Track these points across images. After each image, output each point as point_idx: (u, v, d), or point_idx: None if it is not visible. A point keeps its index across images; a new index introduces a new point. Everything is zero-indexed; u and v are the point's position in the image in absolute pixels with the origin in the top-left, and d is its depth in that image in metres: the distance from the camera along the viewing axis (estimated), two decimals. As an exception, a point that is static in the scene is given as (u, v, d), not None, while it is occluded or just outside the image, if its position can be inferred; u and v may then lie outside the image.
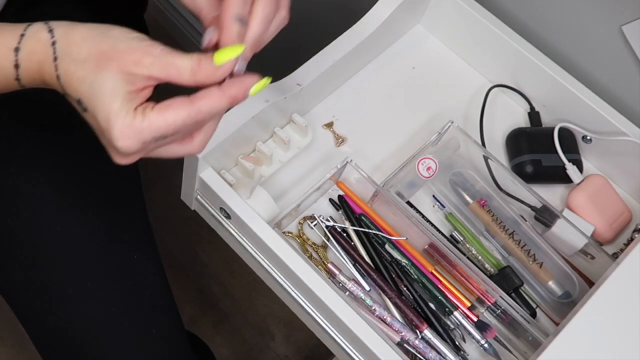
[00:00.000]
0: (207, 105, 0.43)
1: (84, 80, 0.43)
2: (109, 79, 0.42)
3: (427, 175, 0.66)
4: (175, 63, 0.44)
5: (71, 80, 0.43)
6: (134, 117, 0.42)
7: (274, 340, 1.33)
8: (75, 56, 0.43)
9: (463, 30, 0.75)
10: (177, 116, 0.42)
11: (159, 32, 1.59)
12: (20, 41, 0.44)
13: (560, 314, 0.64)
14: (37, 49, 0.44)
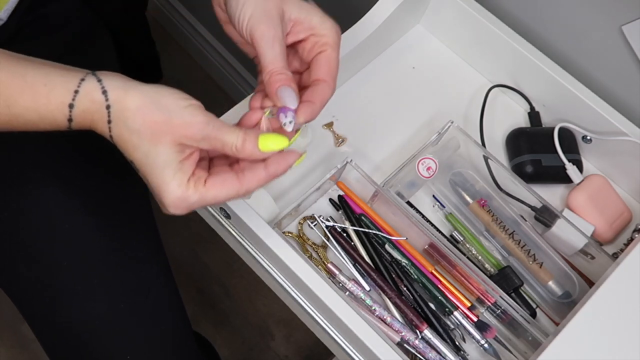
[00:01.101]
0: (253, 184, 0.48)
1: (138, 148, 0.46)
2: (163, 151, 0.46)
3: (427, 175, 0.66)
4: (222, 139, 0.47)
5: (125, 144, 0.47)
6: (186, 190, 0.46)
7: (274, 340, 1.33)
8: (130, 125, 0.46)
9: (463, 30, 0.75)
10: (226, 194, 0.47)
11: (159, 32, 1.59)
12: (75, 98, 0.46)
13: (560, 314, 0.64)
14: (91, 109, 0.46)
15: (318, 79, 0.53)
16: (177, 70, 1.52)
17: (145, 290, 0.68)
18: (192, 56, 1.57)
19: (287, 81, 0.50)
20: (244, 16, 0.50)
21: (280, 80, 0.50)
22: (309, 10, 0.53)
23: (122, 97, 0.46)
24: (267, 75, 0.50)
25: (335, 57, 0.53)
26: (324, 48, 0.53)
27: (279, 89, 0.50)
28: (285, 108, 0.51)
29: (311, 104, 0.51)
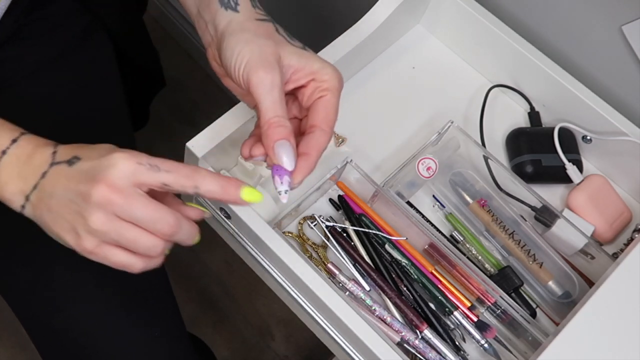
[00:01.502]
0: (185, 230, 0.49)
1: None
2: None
3: (427, 175, 0.66)
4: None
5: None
6: (139, 161, 0.45)
7: (274, 340, 1.33)
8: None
9: (463, 30, 0.75)
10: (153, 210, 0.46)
11: (159, 33, 1.59)
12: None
13: (560, 314, 0.64)
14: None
15: (314, 125, 0.51)
16: (177, 70, 1.52)
17: (139, 292, 0.68)
18: (192, 56, 1.57)
19: (286, 134, 0.48)
20: (240, 63, 0.49)
21: (279, 133, 0.48)
22: (308, 57, 0.52)
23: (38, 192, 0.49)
24: (265, 125, 0.48)
25: (335, 103, 0.51)
26: (324, 93, 0.51)
27: (276, 144, 0.48)
28: (281, 169, 0.49)
29: (307, 157, 0.50)
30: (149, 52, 0.94)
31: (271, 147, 0.48)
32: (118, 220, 0.45)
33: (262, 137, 0.49)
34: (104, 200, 0.44)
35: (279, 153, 0.48)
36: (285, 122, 0.49)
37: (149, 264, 0.48)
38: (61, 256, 0.66)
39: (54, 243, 0.66)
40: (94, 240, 0.46)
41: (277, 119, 0.48)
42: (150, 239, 0.46)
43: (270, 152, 0.49)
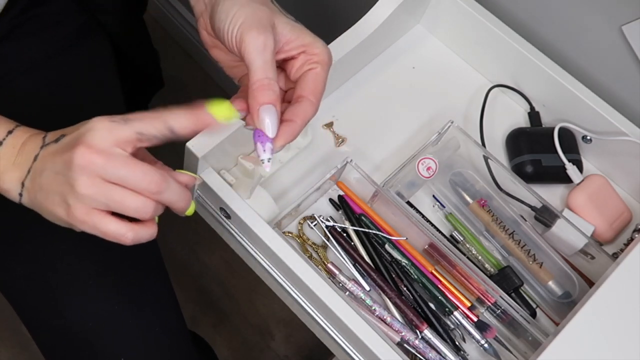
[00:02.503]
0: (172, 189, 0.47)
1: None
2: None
3: (427, 175, 0.66)
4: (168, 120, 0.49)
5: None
6: (117, 123, 0.46)
7: (274, 340, 1.33)
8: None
9: (463, 30, 0.75)
10: (142, 171, 0.46)
11: (159, 33, 1.59)
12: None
13: (560, 314, 0.64)
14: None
15: (302, 96, 0.51)
16: (177, 70, 1.52)
17: (140, 290, 0.68)
18: (192, 56, 1.57)
19: (274, 99, 0.48)
20: (235, 24, 0.48)
21: (266, 96, 0.47)
22: (301, 30, 0.52)
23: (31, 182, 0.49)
24: (254, 84, 0.47)
25: (324, 77, 0.52)
26: (314, 66, 0.52)
27: (262, 107, 0.48)
28: (263, 135, 0.48)
29: (291, 124, 0.49)
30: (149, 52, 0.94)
31: (256, 110, 0.48)
32: (103, 183, 0.45)
33: (249, 98, 0.48)
34: (86, 162, 0.45)
35: (263, 117, 0.48)
36: (275, 85, 0.48)
37: (140, 233, 0.48)
38: (61, 253, 0.66)
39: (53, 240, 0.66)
40: (83, 208, 0.46)
41: (267, 81, 0.47)
42: (139, 198, 0.46)
43: (255, 115, 0.48)
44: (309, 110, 0.51)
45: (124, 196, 0.45)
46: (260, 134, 0.48)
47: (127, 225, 0.47)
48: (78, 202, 0.46)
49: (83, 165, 0.45)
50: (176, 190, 0.47)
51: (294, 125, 0.49)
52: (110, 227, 0.46)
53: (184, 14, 1.50)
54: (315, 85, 0.51)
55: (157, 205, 0.47)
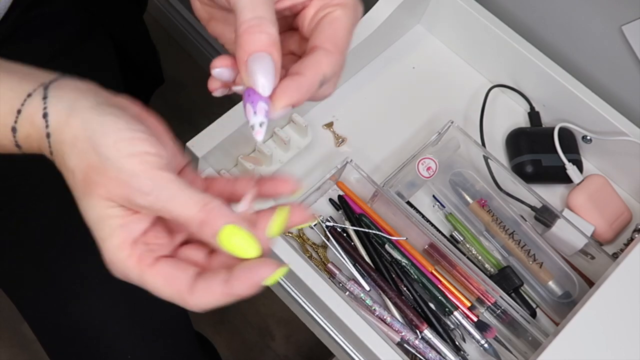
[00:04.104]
0: (203, 301, 0.35)
1: (74, 190, 0.37)
2: (95, 205, 0.35)
3: (427, 175, 0.66)
4: (172, 212, 0.34)
5: (66, 180, 0.37)
6: (125, 259, 0.35)
7: (274, 340, 1.33)
8: (67, 161, 0.36)
9: (463, 30, 0.75)
10: (169, 294, 0.35)
11: (159, 33, 1.59)
12: (17, 120, 0.37)
13: (560, 314, 0.64)
14: (33, 135, 0.37)
15: (316, 46, 0.38)
16: (177, 70, 1.52)
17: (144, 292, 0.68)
18: (192, 56, 1.57)
19: (266, 44, 0.35)
20: None
21: (257, 41, 0.35)
22: None
23: (63, 124, 0.36)
24: (241, 26, 0.35)
25: (345, 21, 0.39)
26: (332, 9, 0.39)
27: (251, 56, 0.35)
28: (255, 94, 0.36)
29: (297, 78, 0.36)
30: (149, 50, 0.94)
31: (244, 61, 0.35)
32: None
33: (236, 47, 0.36)
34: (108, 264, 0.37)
35: (253, 70, 0.35)
36: (269, 26, 0.35)
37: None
38: (65, 253, 0.66)
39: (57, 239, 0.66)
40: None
41: (257, 21, 0.35)
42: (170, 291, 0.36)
43: (242, 68, 0.36)
44: (325, 60, 0.37)
45: (155, 288, 0.36)
46: (251, 93, 0.36)
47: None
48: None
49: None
50: (208, 301, 0.35)
51: (300, 79, 0.36)
52: (163, 292, 0.36)
53: (184, 14, 1.50)
54: (334, 30, 0.38)
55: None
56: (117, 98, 0.38)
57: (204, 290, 0.35)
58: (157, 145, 0.36)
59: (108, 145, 0.35)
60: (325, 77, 0.38)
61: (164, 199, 0.34)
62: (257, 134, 0.36)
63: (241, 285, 0.34)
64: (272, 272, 0.34)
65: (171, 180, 0.35)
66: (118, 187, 0.34)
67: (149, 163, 0.35)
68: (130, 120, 0.36)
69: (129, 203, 0.35)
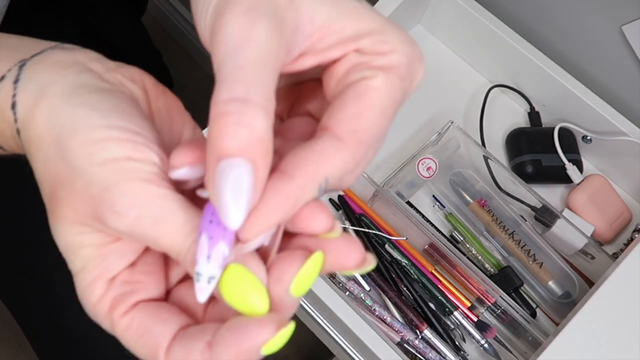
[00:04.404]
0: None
1: (45, 203, 0.28)
2: (63, 231, 0.27)
3: (427, 175, 0.66)
4: (157, 240, 0.25)
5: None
6: (95, 303, 0.27)
7: (274, 340, 1.33)
8: (35, 169, 0.28)
9: (463, 30, 0.75)
10: (144, 353, 0.27)
11: (159, 33, 1.59)
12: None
13: (560, 314, 0.64)
14: (7, 132, 0.29)
15: (326, 128, 0.26)
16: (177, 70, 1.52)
17: None
18: (192, 56, 1.57)
19: (246, 145, 0.23)
20: (209, 4, 0.25)
21: (231, 138, 0.23)
22: (357, 11, 0.27)
23: (29, 118, 0.27)
24: (213, 110, 0.24)
25: (384, 98, 0.26)
26: (369, 74, 0.26)
27: (221, 163, 0.23)
28: (216, 223, 0.24)
29: (281, 186, 0.24)
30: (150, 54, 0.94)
31: (213, 167, 0.23)
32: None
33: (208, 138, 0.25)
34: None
35: (221, 187, 0.23)
36: (253, 115, 0.23)
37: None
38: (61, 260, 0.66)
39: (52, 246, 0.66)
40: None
41: (235, 106, 0.23)
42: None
43: (208, 176, 0.24)
44: (331, 156, 0.25)
45: (128, 345, 0.27)
46: (213, 218, 0.24)
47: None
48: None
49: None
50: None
51: (285, 186, 0.24)
52: (137, 350, 0.27)
53: (184, 14, 1.50)
54: (360, 109, 0.25)
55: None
56: (116, 73, 0.29)
57: (182, 357, 0.25)
58: (146, 147, 0.26)
59: (75, 149, 0.26)
60: (331, 182, 0.25)
61: (147, 223, 0.25)
62: (201, 291, 0.24)
63: (226, 352, 0.24)
64: (269, 335, 0.24)
65: (161, 197, 0.25)
66: (87, 205, 0.26)
67: (129, 172, 0.25)
68: (110, 112, 0.26)
69: (102, 226, 0.26)
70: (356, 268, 0.26)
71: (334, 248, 0.26)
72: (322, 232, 0.26)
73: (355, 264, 0.26)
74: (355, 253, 0.26)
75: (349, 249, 0.26)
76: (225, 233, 0.24)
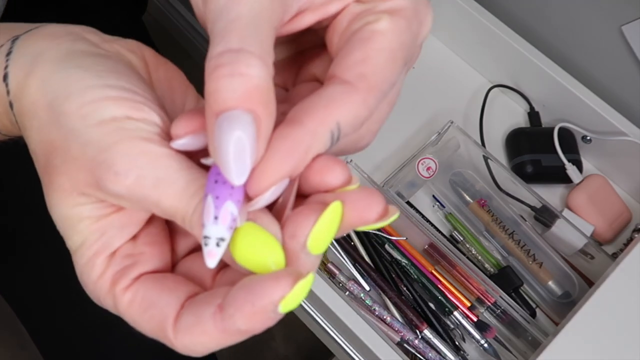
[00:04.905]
0: (192, 341, 0.24)
1: (41, 177, 0.27)
2: (58, 202, 0.25)
3: (427, 175, 0.66)
4: (158, 202, 0.24)
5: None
6: (95, 281, 0.26)
7: (274, 340, 1.33)
8: (28, 140, 0.26)
9: (463, 30, 0.75)
10: (149, 328, 0.25)
11: (159, 33, 1.59)
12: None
13: (560, 313, 0.64)
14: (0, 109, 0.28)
15: (333, 77, 0.24)
16: (177, 70, 1.52)
17: None
18: (192, 56, 1.57)
19: (244, 95, 0.22)
20: None
21: (228, 91, 0.22)
22: None
23: (22, 87, 0.26)
24: (208, 65, 0.23)
25: (391, 39, 0.24)
26: (373, 19, 0.25)
27: (220, 117, 0.22)
28: (222, 182, 0.23)
29: (290, 134, 0.23)
30: None
31: (211, 124, 0.22)
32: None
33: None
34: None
35: (221, 142, 0.22)
36: (249, 63, 0.22)
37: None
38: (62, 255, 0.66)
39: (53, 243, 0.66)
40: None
41: (228, 57, 0.22)
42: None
43: (209, 136, 0.22)
44: (342, 101, 0.23)
45: (133, 321, 0.26)
46: (218, 178, 0.23)
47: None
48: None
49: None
50: (196, 340, 0.24)
51: (294, 133, 0.23)
52: (143, 325, 0.26)
53: (184, 14, 1.50)
54: (367, 52, 0.24)
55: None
56: (114, 43, 0.28)
57: (192, 324, 0.23)
58: (146, 106, 0.25)
59: (70, 113, 0.24)
60: (343, 129, 0.24)
61: (148, 185, 0.23)
62: (211, 255, 0.23)
63: (239, 313, 0.22)
64: (286, 289, 0.22)
65: (163, 156, 0.24)
66: (84, 171, 0.24)
67: (128, 132, 0.24)
68: (107, 72, 0.25)
69: (101, 193, 0.24)
70: (378, 220, 0.24)
71: (353, 200, 0.24)
72: (338, 185, 0.24)
73: (376, 216, 0.24)
74: (377, 204, 0.24)
75: (370, 200, 0.24)
76: (233, 192, 0.23)
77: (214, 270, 0.26)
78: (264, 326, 0.22)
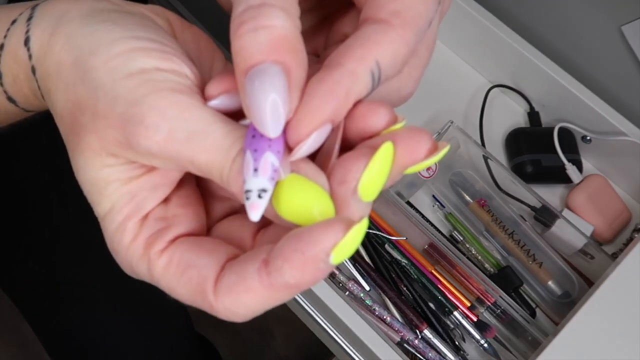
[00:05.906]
0: (235, 303, 0.23)
1: (66, 142, 0.25)
2: (86, 163, 0.24)
3: (427, 175, 0.66)
4: (193, 158, 0.22)
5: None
6: (127, 248, 0.24)
7: (274, 340, 1.33)
8: (54, 103, 0.25)
9: (463, 30, 0.75)
10: (187, 294, 0.23)
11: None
12: (0, 54, 0.26)
13: (560, 313, 0.64)
14: (20, 76, 0.26)
15: (367, 19, 0.23)
16: (177, 70, 1.52)
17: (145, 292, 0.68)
18: (192, 56, 1.57)
19: (270, 48, 0.21)
20: None
21: (254, 46, 0.21)
22: None
23: (45, 49, 0.25)
24: (234, 22, 0.22)
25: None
26: None
27: (250, 72, 0.21)
28: (258, 135, 0.22)
29: (330, 76, 0.22)
30: None
31: (242, 80, 0.22)
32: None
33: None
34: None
35: (252, 98, 0.21)
36: (273, 15, 0.21)
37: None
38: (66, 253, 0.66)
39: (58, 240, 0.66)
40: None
41: (252, 12, 0.21)
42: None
43: (240, 94, 0.22)
44: (379, 40, 0.22)
45: (169, 287, 0.24)
46: (255, 133, 0.22)
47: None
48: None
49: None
50: (241, 299, 0.22)
51: (335, 75, 0.22)
52: (179, 292, 0.24)
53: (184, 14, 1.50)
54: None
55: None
56: (135, 5, 0.27)
57: (235, 282, 0.22)
58: (177, 57, 0.24)
59: (97, 67, 0.23)
60: (384, 68, 0.23)
61: (181, 139, 0.22)
62: (253, 208, 0.21)
63: (287, 264, 0.20)
64: (339, 236, 0.20)
65: (195, 107, 0.22)
66: (113, 128, 0.22)
67: (158, 83, 0.23)
68: (136, 26, 0.24)
69: (131, 152, 0.23)
70: (429, 156, 0.23)
71: (401, 139, 0.23)
72: (384, 126, 0.23)
73: (426, 152, 0.23)
74: (425, 140, 0.23)
75: (418, 137, 0.23)
76: (271, 143, 0.21)
77: (253, 230, 0.25)
78: (314, 279, 0.21)
